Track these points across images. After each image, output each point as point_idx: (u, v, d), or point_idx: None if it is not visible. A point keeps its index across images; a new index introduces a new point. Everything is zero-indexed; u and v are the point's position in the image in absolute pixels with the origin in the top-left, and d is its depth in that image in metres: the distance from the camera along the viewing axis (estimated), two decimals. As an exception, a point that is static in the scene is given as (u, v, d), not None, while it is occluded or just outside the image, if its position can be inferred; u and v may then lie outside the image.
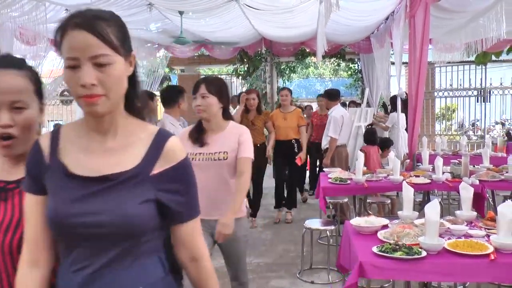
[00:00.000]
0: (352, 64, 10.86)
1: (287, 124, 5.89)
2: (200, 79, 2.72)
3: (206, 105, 2.57)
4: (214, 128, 2.64)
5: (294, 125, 5.90)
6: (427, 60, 5.15)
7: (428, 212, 2.29)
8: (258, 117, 5.78)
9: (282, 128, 5.90)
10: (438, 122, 11.62)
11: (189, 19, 6.61)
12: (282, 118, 5.93)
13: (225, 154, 2.58)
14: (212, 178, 2.56)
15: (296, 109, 6.11)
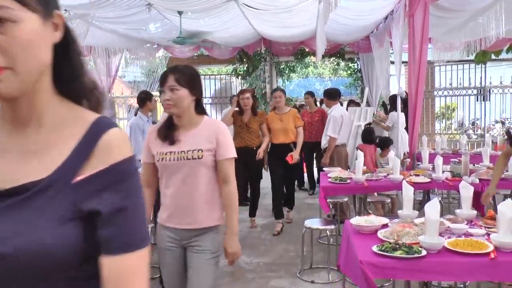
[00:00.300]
0: (352, 63, 10.86)
1: (283, 125, 5.56)
2: (167, 70, 2.38)
3: (176, 98, 2.21)
4: (186, 124, 2.29)
5: (290, 126, 5.57)
6: (426, 59, 5.16)
7: (428, 211, 2.29)
8: (253, 119, 5.54)
9: (279, 131, 5.56)
10: (438, 121, 11.61)
11: (188, 19, 6.61)
12: (278, 120, 5.59)
13: (200, 152, 2.23)
14: (184, 180, 2.24)
15: (291, 110, 5.77)
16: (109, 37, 7.41)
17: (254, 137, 5.57)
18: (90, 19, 6.07)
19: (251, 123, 5.52)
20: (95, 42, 7.61)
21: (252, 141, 5.56)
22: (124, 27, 6.99)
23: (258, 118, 5.56)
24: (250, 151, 5.44)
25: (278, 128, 5.57)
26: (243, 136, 5.54)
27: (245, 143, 5.51)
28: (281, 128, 5.55)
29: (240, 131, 5.56)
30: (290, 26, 7.32)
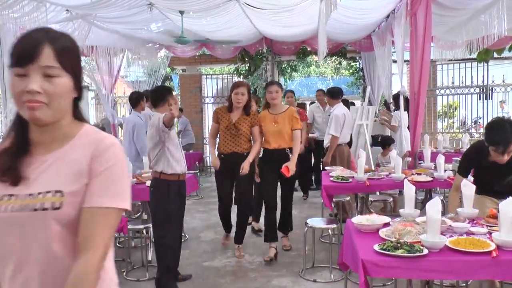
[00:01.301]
0: (354, 62, 10.85)
1: (278, 128, 4.63)
2: (34, 33, 1.23)
3: (52, 91, 1.19)
4: (49, 141, 1.25)
5: (287, 129, 4.64)
6: (429, 58, 5.14)
7: (429, 210, 2.29)
8: (244, 120, 4.64)
9: (272, 134, 4.65)
10: (440, 120, 11.58)
11: (190, 19, 6.61)
12: (272, 121, 4.67)
13: (57, 197, 1.18)
14: (27, 251, 1.18)
15: (289, 109, 4.80)
16: (111, 37, 7.42)
17: (244, 141, 4.65)
18: (92, 19, 6.08)
19: (240, 123, 4.62)
20: (97, 42, 7.63)
21: (241, 146, 4.63)
22: (126, 27, 6.99)
23: (249, 119, 4.67)
24: (238, 158, 4.58)
25: (272, 131, 4.65)
26: (230, 139, 4.64)
27: (232, 148, 4.62)
28: (275, 131, 4.64)
29: (227, 133, 4.64)
30: (291, 25, 7.31)
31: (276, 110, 4.74)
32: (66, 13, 5.70)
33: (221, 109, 4.79)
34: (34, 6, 4.91)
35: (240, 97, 4.57)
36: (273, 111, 4.75)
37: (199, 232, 5.75)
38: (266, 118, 4.73)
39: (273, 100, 4.70)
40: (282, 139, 4.65)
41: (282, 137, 4.64)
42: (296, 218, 6.15)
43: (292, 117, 4.67)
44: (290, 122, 4.66)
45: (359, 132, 6.78)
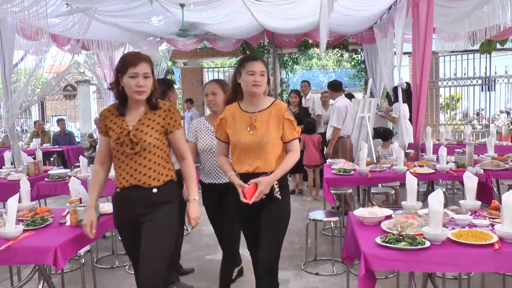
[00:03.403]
0: (355, 54, 10.81)
1: (257, 137, 2.68)
2: None
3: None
4: None
5: (273, 138, 2.69)
6: (431, 50, 5.10)
7: (431, 202, 2.27)
8: None
9: (246, 148, 2.70)
10: (442, 112, 11.55)
11: (191, 12, 6.58)
12: (246, 124, 2.73)
13: None
14: None
15: (276, 103, 2.79)
16: (112, 30, 7.40)
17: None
18: (92, 13, 6.06)
19: None
20: (98, 35, 7.60)
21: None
22: (126, 20, 6.97)
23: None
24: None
25: (246, 142, 2.69)
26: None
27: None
28: (252, 142, 2.67)
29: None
30: (293, 18, 7.28)
31: (254, 106, 2.74)
32: (66, 6, 5.69)
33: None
34: (34, 0, 4.89)
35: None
36: (248, 107, 2.75)
37: (201, 226, 5.74)
38: (236, 118, 2.75)
39: (255, 86, 2.66)
40: (264, 157, 2.66)
41: (264, 153, 2.66)
42: (298, 210, 6.15)
43: (283, 119, 2.70)
44: (279, 126, 2.70)
45: (361, 124, 6.76)
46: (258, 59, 2.76)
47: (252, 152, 2.70)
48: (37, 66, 6.12)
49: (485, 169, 4.15)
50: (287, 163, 2.72)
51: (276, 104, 2.79)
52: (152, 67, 2.53)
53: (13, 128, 6.17)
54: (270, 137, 2.69)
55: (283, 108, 2.77)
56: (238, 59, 4.25)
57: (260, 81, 2.68)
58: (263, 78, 2.71)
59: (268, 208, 2.73)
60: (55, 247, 2.36)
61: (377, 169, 4.44)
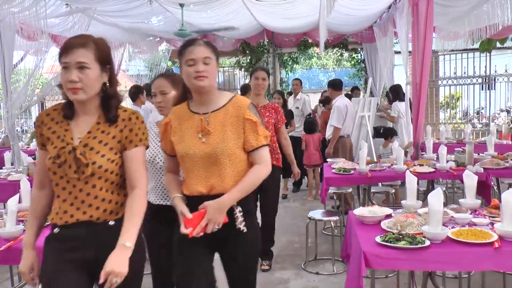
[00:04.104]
0: (355, 54, 10.81)
1: (210, 145, 2.05)
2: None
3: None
4: None
5: (230, 147, 2.05)
6: (431, 49, 5.10)
7: (431, 200, 2.27)
8: None
9: (196, 161, 2.07)
10: (443, 111, 11.55)
11: (190, 12, 6.58)
12: (196, 129, 2.10)
13: None
14: None
15: (235, 99, 2.15)
16: (111, 30, 7.40)
17: None
18: (92, 13, 6.06)
19: None
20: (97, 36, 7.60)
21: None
22: (126, 20, 6.98)
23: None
24: None
25: (196, 153, 2.07)
26: None
27: None
28: (202, 152, 2.05)
29: None
30: (292, 17, 7.28)
31: (205, 105, 2.12)
32: (65, 7, 5.69)
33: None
34: (33, 1, 4.90)
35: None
36: (199, 107, 2.13)
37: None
38: (183, 122, 2.13)
39: (199, 79, 2.02)
40: (220, 173, 2.05)
41: (220, 167, 2.05)
42: (298, 210, 6.16)
43: (244, 120, 2.07)
44: (239, 130, 2.07)
45: (361, 123, 6.75)
46: (199, 42, 2.05)
47: (205, 167, 2.04)
48: (37, 67, 6.11)
49: (485, 168, 4.15)
50: (250, 180, 2.04)
51: (235, 101, 2.10)
52: (101, 53, 1.78)
53: (13, 128, 6.17)
54: (227, 145, 2.02)
55: (243, 105, 2.08)
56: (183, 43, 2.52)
57: (204, 70, 2.00)
58: (210, 67, 2.03)
59: (230, 246, 2.08)
60: (55, 247, 2.35)
61: (377, 168, 4.43)
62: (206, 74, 2.01)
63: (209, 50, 2.05)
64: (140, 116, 1.87)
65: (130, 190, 1.83)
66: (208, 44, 2.08)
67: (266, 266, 4.18)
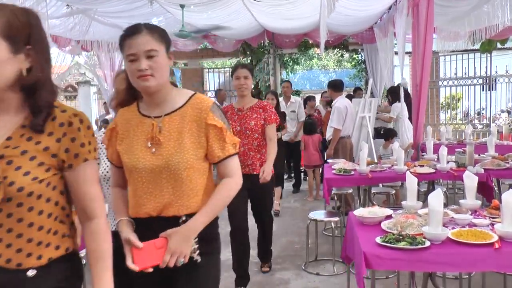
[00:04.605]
0: (356, 54, 10.81)
1: (162, 157, 1.71)
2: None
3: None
4: None
5: (188, 158, 1.70)
6: (431, 49, 5.10)
7: (431, 201, 2.27)
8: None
9: (143, 176, 1.72)
10: (443, 112, 11.54)
11: (191, 12, 6.59)
12: (145, 136, 1.74)
13: None
14: None
15: (196, 98, 1.78)
16: (112, 31, 7.40)
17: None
18: (92, 14, 6.07)
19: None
20: (98, 36, 7.62)
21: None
22: (127, 21, 6.97)
23: None
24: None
25: (145, 166, 1.72)
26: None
27: None
28: (153, 165, 1.71)
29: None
30: (293, 18, 7.28)
31: (158, 106, 1.77)
32: (66, 8, 5.69)
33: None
34: (34, 1, 4.90)
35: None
36: (150, 109, 1.78)
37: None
38: (131, 127, 1.79)
39: (142, 79, 1.67)
40: (176, 191, 1.71)
41: (176, 183, 1.71)
42: (299, 210, 6.16)
43: (206, 125, 1.73)
44: (199, 137, 1.73)
45: (362, 124, 6.75)
46: (140, 30, 1.64)
47: (155, 183, 1.67)
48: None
49: (485, 169, 4.14)
50: (220, 199, 1.71)
51: (194, 101, 1.73)
52: (8, 25, 1.24)
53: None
54: (184, 156, 1.66)
55: (205, 107, 1.70)
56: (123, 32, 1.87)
57: (148, 68, 1.62)
58: (156, 62, 1.63)
59: (183, 279, 1.72)
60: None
61: (378, 169, 4.43)
62: (150, 72, 1.63)
63: (153, 39, 1.64)
64: (85, 118, 1.34)
65: (86, 222, 1.37)
66: (152, 31, 1.65)
67: (266, 268, 4.17)
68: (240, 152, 3.36)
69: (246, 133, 3.56)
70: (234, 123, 3.57)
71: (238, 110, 3.64)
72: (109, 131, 1.81)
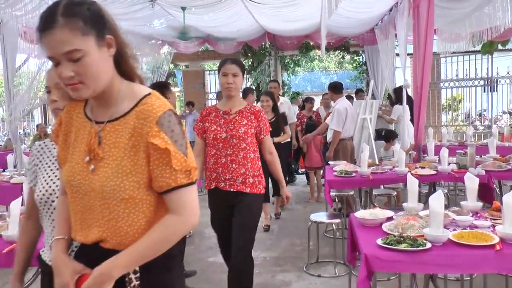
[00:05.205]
0: (357, 56, 10.82)
1: (98, 178, 1.30)
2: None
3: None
4: None
5: (130, 186, 1.28)
6: (432, 51, 5.11)
7: (432, 203, 2.28)
8: None
9: (75, 201, 1.36)
10: (444, 113, 11.54)
11: (192, 15, 6.60)
12: (82, 153, 1.35)
13: None
14: None
15: (142, 105, 1.30)
16: (113, 33, 7.43)
17: None
18: (94, 16, 6.09)
19: None
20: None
21: None
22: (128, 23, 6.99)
23: None
24: None
25: (79, 186, 1.33)
26: None
27: None
28: (88, 188, 1.31)
29: None
30: (294, 20, 7.29)
31: (104, 109, 1.35)
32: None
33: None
34: (36, 4, 4.93)
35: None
36: (97, 112, 1.37)
37: (204, 228, 5.76)
38: (75, 130, 1.40)
39: (70, 87, 1.26)
40: (112, 222, 1.30)
41: (111, 213, 1.29)
42: (300, 212, 6.16)
43: (148, 144, 1.27)
44: (138, 158, 1.28)
45: (363, 126, 6.75)
46: (54, 25, 1.20)
47: (90, 210, 1.31)
48: (40, 70, 6.14)
49: (487, 170, 4.14)
50: (152, 242, 1.27)
51: (141, 108, 1.29)
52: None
53: (16, 131, 6.19)
54: (123, 182, 1.27)
55: (151, 118, 1.27)
56: None
57: (73, 75, 1.22)
58: (83, 66, 1.22)
59: None
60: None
61: (379, 171, 4.44)
62: (78, 79, 1.23)
63: (74, 32, 1.20)
64: None
65: None
66: (72, 18, 1.20)
67: None
68: (221, 163, 2.94)
69: (231, 142, 2.94)
70: (220, 129, 2.98)
71: (224, 113, 3.03)
72: (56, 128, 1.45)
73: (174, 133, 1.28)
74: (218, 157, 2.96)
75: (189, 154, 1.31)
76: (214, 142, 2.97)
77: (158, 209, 1.33)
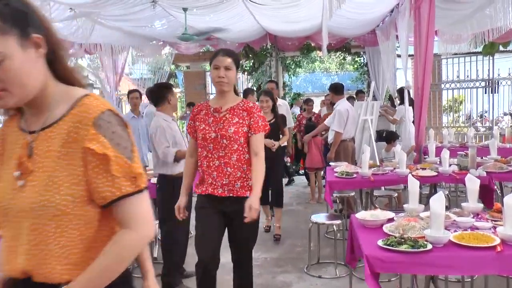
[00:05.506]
0: (358, 57, 10.83)
1: (26, 198, 1.12)
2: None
3: None
4: None
5: (66, 201, 1.11)
6: (432, 52, 5.11)
7: (433, 204, 2.28)
8: None
9: (5, 222, 1.19)
10: (445, 114, 11.53)
11: (194, 16, 6.61)
12: (14, 162, 1.18)
13: None
14: None
15: (81, 105, 1.16)
16: (115, 34, 7.44)
17: None
18: (95, 17, 6.10)
19: None
20: (101, 39, 7.65)
21: None
22: (130, 24, 7.01)
23: None
24: None
25: (7, 206, 1.16)
26: None
27: None
28: (16, 207, 1.13)
29: None
30: (295, 21, 7.30)
31: (36, 113, 1.19)
32: (69, 11, 5.72)
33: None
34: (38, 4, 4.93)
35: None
36: (29, 120, 1.21)
37: (205, 229, 5.77)
38: (7, 146, 1.23)
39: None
40: (42, 248, 1.11)
41: (40, 237, 1.11)
42: (301, 213, 6.16)
43: (85, 150, 1.11)
44: (74, 167, 1.11)
45: (364, 127, 6.75)
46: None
47: (19, 234, 1.13)
48: None
49: (488, 172, 4.14)
50: (110, 258, 1.13)
51: (77, 111, 1.14)
52: None
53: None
54: (55, 197, 1.10)
55: (86, 119, 1.12)
56: None
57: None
58: (5, 71, 1.06)
59: None
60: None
61: (380, 172, 4.43)
62: (1, 86, 1.08)
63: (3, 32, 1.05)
64: None
65: None
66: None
67: None
68: (214, 166, 2.70)
69: (222, 143, 2.68)
70: (208, 128, 2.72)
71: (215, 110, 2.77)
72: None
73: (115, 135, 1.12)
74: (210, 159, 2.69)
75: (135, 159, 1.15)
76: (204, 143, 2.70)
77: (100, 227, 1.15)
